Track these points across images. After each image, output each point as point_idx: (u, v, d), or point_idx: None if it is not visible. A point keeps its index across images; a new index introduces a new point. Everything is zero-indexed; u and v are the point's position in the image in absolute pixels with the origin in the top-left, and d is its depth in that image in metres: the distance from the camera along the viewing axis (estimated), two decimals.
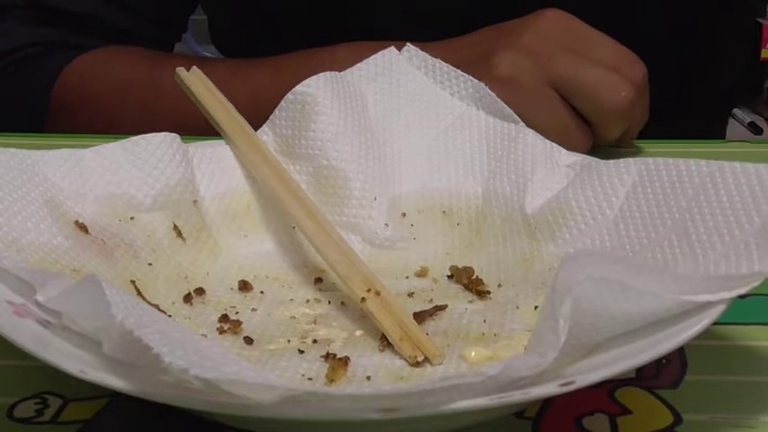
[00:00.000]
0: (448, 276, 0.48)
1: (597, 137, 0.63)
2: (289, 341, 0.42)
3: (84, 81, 0.76)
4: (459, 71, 0.56)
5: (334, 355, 0.40)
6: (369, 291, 0.43)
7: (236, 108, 0.55)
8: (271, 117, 0.53)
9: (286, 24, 0.82)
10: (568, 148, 0.51)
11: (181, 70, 0.56)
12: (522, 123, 0.53)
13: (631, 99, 0.61)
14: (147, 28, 0.82)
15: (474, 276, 0.47)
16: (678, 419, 0.37)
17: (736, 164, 0.40)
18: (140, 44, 0.81)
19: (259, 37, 0.85)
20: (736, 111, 2.12)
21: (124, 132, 0.51)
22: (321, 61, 0.66)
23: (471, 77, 0.55)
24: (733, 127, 2.06)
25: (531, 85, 0.60)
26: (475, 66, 0.57)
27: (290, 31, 0.82)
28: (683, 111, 0.78)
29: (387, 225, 0.51)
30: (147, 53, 0.78)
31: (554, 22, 0.62)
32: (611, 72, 0.60)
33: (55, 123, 0.77)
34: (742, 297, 0.36)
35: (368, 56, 0.57)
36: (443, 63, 0.57)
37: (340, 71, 0.55)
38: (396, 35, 0.60)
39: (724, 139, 0.98)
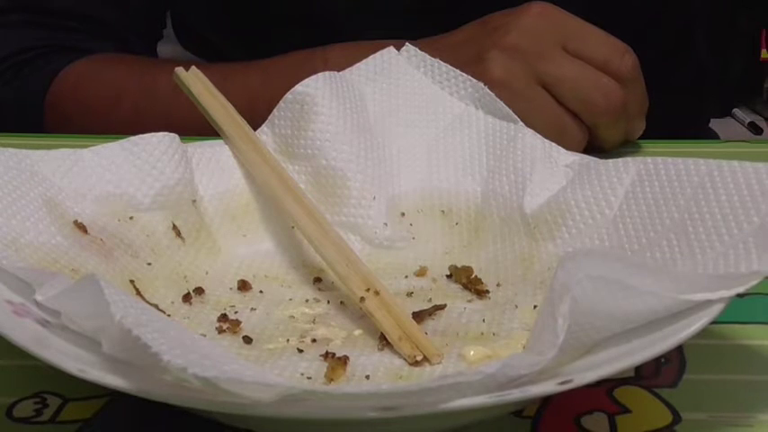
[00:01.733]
0: (447, 276, 0.48)
1: (600, 140, 0.63)
2: (288, 340, 0.42)
3: (78, 87, 0.77)
4: (458, 71, 0.56)
5: (334, 354, 0.40)
6: (368, 290, 0.43)
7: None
8: (270, 117, 0.53)
9: (272, 25, 0.82)
10: (564, 144, 0.51)
11: (180, 70, 0.56)
12: (521, 123, 0.53)
13: (621, 100, 0.61)
14: (133, 21, 0.83)
15: (473, 276, 0.47)
16: (677, 418, 0.37)
17: (735, 163, 0.40)
18: (126, 38, 0.81)
19: (249, 35, 0.85)
20: (736, 111, 2.11)
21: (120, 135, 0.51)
22: (313, 63, 0.66)
23: (470, 77, 0.55)
24: (733, 127, 2.06)
25: (521, 87, 0.60)
26: (467, 68, 0.57)
27: (274, 32, 0.82)
28: (676, 107, 0.78)
29: (386, 225, 0.51)
30: (139, 59, 0.78)
31: (540, 16, 0.62)
32: (598, 75, 0.60)
33: (50, 129, 0.77)
34: (741, 296, 0.36)
35: (360, 57, 0.57)
36: (442, 63, 0.57)
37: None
38: (383, 32, 0.60)
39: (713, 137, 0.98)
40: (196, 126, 0.54)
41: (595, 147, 0.64)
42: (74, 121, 0.76)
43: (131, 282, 0.44)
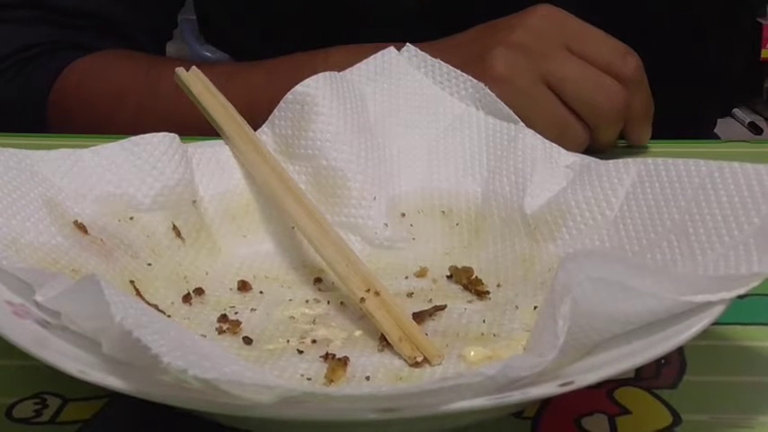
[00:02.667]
0: (447, 276, 0.48)
1: (595, 140, 0.63)
2: (288, 341, 0.42)
3: (82, 84, 0.77)
4: (458, 71, 0.56)
5: (334, 355, 0.40)
6: (368, 291, 0.43)
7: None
8: (270, 117, 0.53)
9: (283, 22, 0.83)
10: (566, 143, 0.51)
11: (180, 70, 0.56)
12: (522, 123, 0.53)
13: (624, 101, 0.61)
14: (142, 20, 0.83)
15: (473, 276, 0.47)
16: (677, 419, 0.37)
17: (736, 164, 0.40)
18: (135, 37, 0.81)
19: (257, 34, 0.85)
20: (736, 111, 2.12)
21: (121, 134, 0.51)
22: (315, 64, 0.66)
23: (471, 77, 0.56)
24: (733, 127, 2.06)
25: (525, 84, 0.60)
26: (470, 66, 0.58)
27: (287, 30, 0.82)
28: (677, 107, 0.78)
29: (386, 225, 0.51)
30: (143, 57, 0.78)
31: (546, 17, 0.63)
32: (601, 75, 0.61)
33: (53, 126, 0.77)
34: (741, 297, 0.36)
35: (361, 59, 0.57)
36: (443, 63, 0.57)
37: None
38: (389, 35, 0.60)
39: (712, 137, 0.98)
40: (199, 125, 0.54)
41: (589, 147, 0.64)
42: (77, 118, 0.76)
43: (131, 282, 0.44)
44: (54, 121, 0.77)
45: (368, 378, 0.38)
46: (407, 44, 0.58)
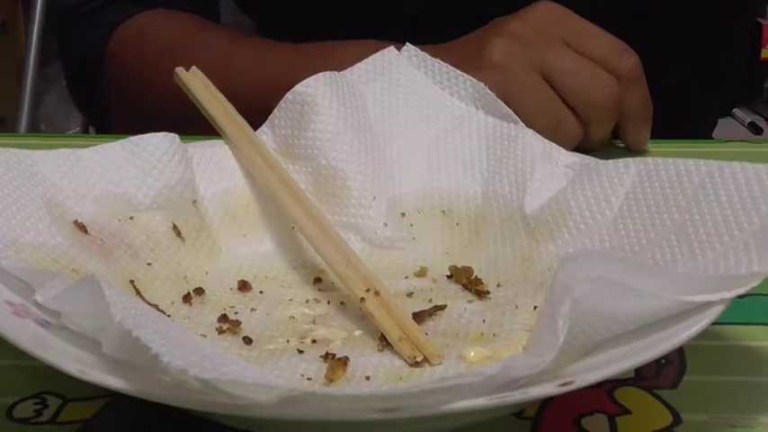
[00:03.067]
0: (447, 276, 0.48)
1: (589, 135, 0.63)
2: (288, 341, 0.42)
3: (137, 38, 0.80)
4: (458, 71, 0.56)
5: (334, 354, 0.40)
6: (368, 291, 0.43)
7: (257, 83, 0.55)
8: (270, 117, 0.53)
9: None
10: (560, 137, 0.52)
11: (180, 70, 0.56)
12: (522, 123, 0.53)
13: (617, 95, 0.61)
14: None
15: (473, 276, 0.47)
16: (677, 419, 0.37)
17: (736, 164, 0.40)
18: None
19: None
20: (736, 111, 2.12)
21: (169, 88, 0.52)
22: (339, 54, 0.66)
23: (471, 78, 0.55)
24: (733, 127, 2.06)
25: (520, 73, 0.61)
26: (468, 58, 0.58)
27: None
28: (677, 107, 0.78)
29: (386, 225, 0.51)
30: (195, 19, 0.81)
31: (545, 12, 0.63)
32: (597, 68, 0.61)
33: (110, 77, 0.81)
34: (741, 297, 0.36)
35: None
36: (443, 63, 0.57)
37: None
38: (396, 36, 0.60)
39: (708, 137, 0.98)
40: (225, 92, 0.55)
41: (583, 146, 0.63)
42: (132, 69, 0.79)
43: (131, 282, 0.44)
44: (111, 72, 0.81)
45: (368, 378, 0.38)
46: (407, 44, 0.58)
